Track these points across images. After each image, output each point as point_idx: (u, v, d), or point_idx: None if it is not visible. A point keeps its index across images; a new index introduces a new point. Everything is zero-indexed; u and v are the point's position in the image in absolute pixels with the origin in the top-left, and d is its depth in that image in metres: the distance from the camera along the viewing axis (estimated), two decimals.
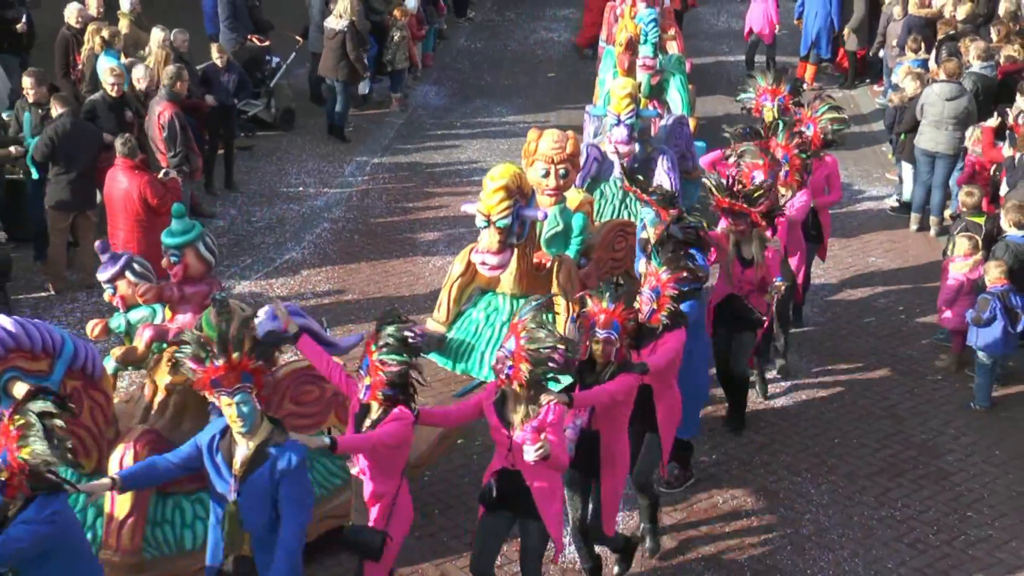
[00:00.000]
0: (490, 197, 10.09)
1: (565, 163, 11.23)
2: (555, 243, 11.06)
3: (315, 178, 17.36)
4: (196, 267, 9.30)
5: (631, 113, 13.04)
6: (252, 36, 18.95)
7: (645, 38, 15.55)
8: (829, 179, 12.80)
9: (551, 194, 11.26)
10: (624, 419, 8.64)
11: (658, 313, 8.86)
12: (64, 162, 13.18)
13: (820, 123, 12.54)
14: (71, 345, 8.25)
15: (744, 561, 9.66)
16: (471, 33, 25.89)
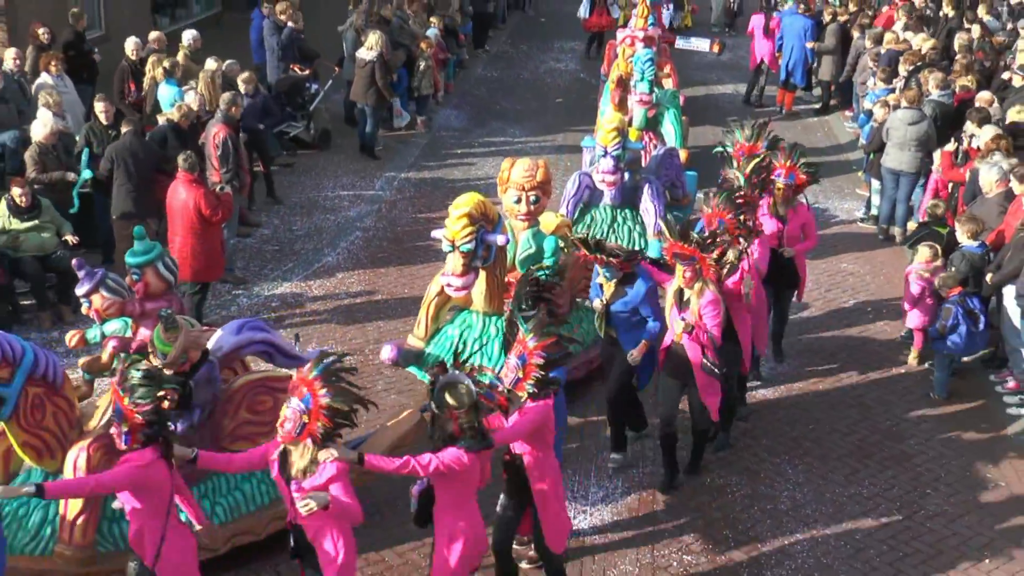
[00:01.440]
0: (454, 224, 10.10)
1: (536, 190, 11.16)
2: (528, 265, 10.72)
3: (349, 191, 17.40)
4: (156, 285, 9.36)
5: (617, 146, 13.01)
6: (294, 65, 19.01)
7: (642, 75, 15.49)
8: (804, 228, 11.72)
9: (523, 219, 11.22)
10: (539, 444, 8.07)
11: (523, 382, 7.72)
12: (125, 175, 13.24)
13: (800, 169, 11.51)
14: (31, 355, 8.08)
15: (728, 533, 9.71)
16: (488, 63, 25.92)
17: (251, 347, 9.01)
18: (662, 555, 9.40)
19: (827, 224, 16.60)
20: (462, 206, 10.17)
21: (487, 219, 10.29)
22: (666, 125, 16.53)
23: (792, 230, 11.54)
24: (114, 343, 9.07)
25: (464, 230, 10.05)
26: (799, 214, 11.68)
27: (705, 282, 9.54)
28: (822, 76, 21.77)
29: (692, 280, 9.54)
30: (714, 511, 10.00)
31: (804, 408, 11.70)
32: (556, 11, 31.56)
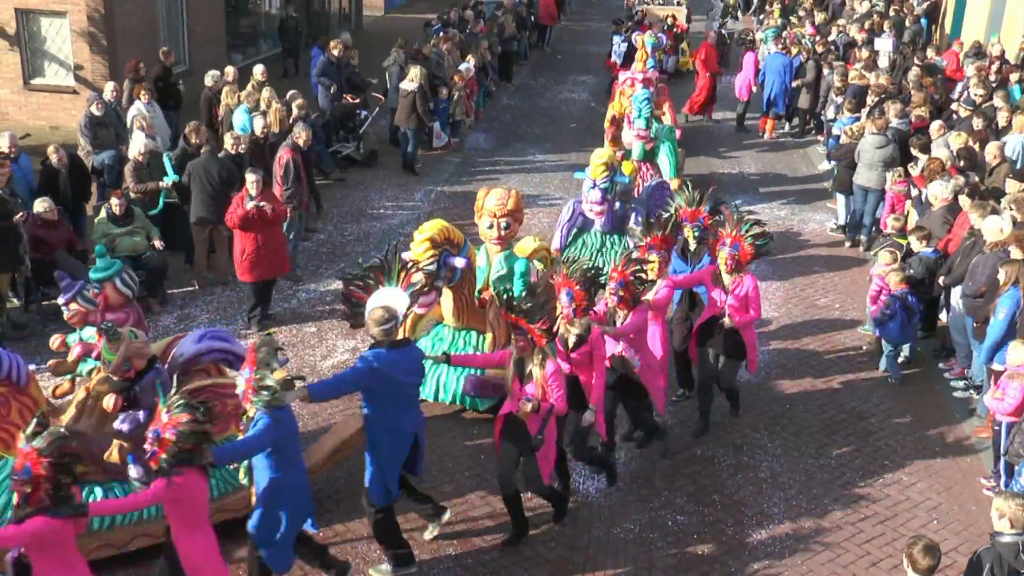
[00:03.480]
0: (417, 247, 10.01)
1: (507, 217, 10.78)
2: (500, 285, 10.49)
3: (392, 202, 17.43)
4: (115, 298, 9.27)
5: (605, 179, 12.91)
6: (347, 95, 19.09)
7: (639, 113, 15.30)
8: (747, 300, 10.03)
9: (496, 243, 10.86)
10: None
11: (158, 455, 6.73)
12: (201, 187, 13.34)
13: (746, 240, 9.99)
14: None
15: (715, 497, 9.71)
16: (512, 93, 25.91)
17: (211, 355, 8.73)
18: (658, 515, 9.41)
19: (803, 233, 16.58)
20: (426, 231, 10.08)
21: (451, 243, 10.17)
22: (661, 157, 16.28)
23: (735, 300, 10.01)
24: (79, 348, 8.95)
25: (426, 252, 9.98)
26: (743, 285, 10.03)
27: (545, 352, 8.29)
28: (800, 105, 21.70)
29: (525, 350, 8.26)
30: (703, 479, 10.00)
31: (781, 391, 11.68)
32: (570, 49, 31.51)
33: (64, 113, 19.24)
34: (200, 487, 6.92)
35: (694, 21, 31.02)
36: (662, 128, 16.76)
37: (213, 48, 22.35)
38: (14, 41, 19.36)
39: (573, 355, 8.88)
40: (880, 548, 9.05)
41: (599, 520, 9.32)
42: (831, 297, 14.18)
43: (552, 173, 19.18)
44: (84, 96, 17.66)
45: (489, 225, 10.84)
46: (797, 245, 16.05)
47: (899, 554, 8.73)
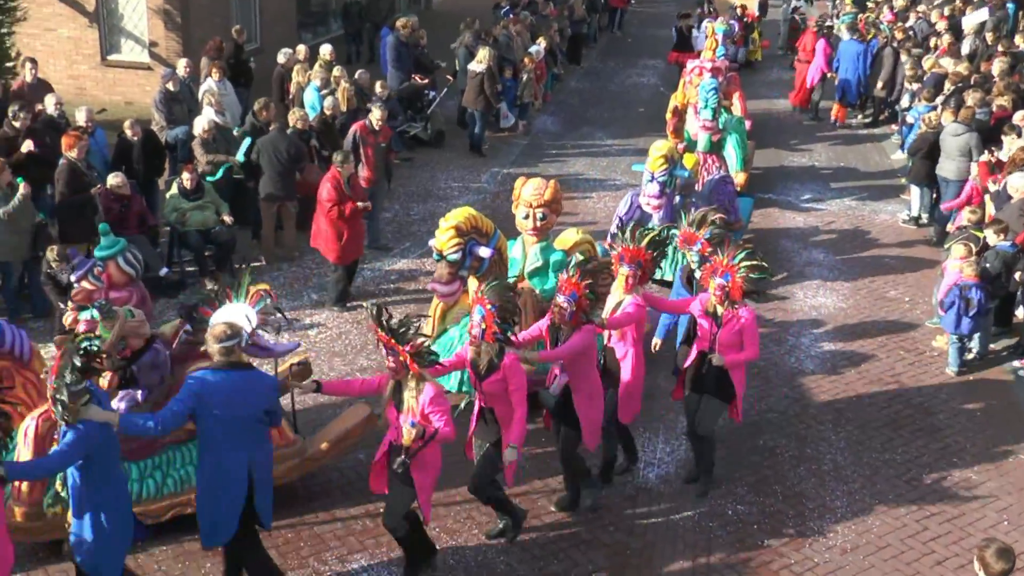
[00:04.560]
0: (442, 235, 9.73)
1: (543, 207, 10.41)
2: (536, 277, 10.47)
3: (459, 183, 17.45)
4: (118, 277, 9.20)
5: (664, 172, 12.48)
6: (415, 76, 19.14)
7: (705, 103, 14.75)
8: (743, 334, 8.78)
9: (532, 234, 10.54)
10: None
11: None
12: (269, 163, 13.46)
13: (738, 272, 8.72)
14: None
15: (777, 488, 9.61)
16: (581, 77, 25.79)
17: None
18: (718, 504, 9.33)
19: (873, 224, 16.30)
20: (451, 219, 9.79)
21: (478, 232, 9.86)
22: (728, 149, 15.88)
23: (726, 335, 8.76)
24: (83, 325, 8.98)
25: (451, 241, 9.69)
26: (737, 319, 8.77)
27: (420, 377, 7.41)
28: (876, 93, 21.32)
29: (398, 374, 7.44)
30: (765, 469, 9.90)
31: (847, 383, 11.50)
32: (641, 32, 31.27)
33: (139, 89, 19.54)
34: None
35: (771, 6, 30.54)
36: (730, 119, 16.43)
37: (283, 27, 22.52)
38: (93, 18, 19.71)
39: (484, 384, 7.93)
40: (946, 547, 8.87)
41: (658, 506, 9.27)
42: (901, 290, 13.94)
43: (619, 158, 19.06)
44: (158, 72, 17.89)
45: (525, 215, 10.54)
46: (867, 237, 15.79)
47: (966, 554, 8.64)
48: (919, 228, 15.99)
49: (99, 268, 9.15)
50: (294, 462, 8.78)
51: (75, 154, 12.18)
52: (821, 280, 14.14)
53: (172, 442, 8.42)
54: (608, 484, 9.41)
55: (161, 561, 8.31)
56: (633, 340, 8.97)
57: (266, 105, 14.51)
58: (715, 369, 8.86)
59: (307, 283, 13.39)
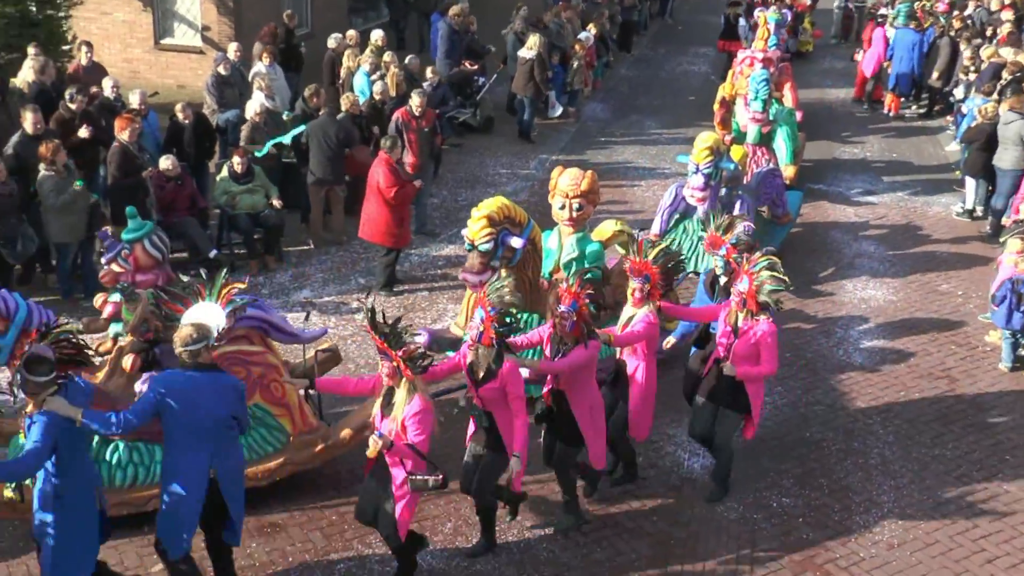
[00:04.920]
0: (474, 224, 9.59)
1: (579, 198, 10.35)
2: (571, 268, 10.28)
3: (507, 169, 17.44)
4: (144, 260, 9.16)
5: (709, 164, 12.21)
6: (465, 61, 19.14)
7: (755, 94, 14.57)
8: (759, 347, 8.47)
9: (568, 224, 10.44)
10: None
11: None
12: (318, 148, 13.53)
13: (756, 280, 8.46)
14: (24, 311, 7.82)
15: (823, 481, 9.53)
16: (631, 64, 25.65)
17: (244, 322, 8.54)
18: (763, 496, 9.27)
19: (926, 217, 16.07)
20: (483, 208, 9.65)
21: (511, 222, 9.71)
22: (778, 141, 15.55)
23: (742, 346, 8.50)
24: (110, 308, 9.03)
25: (482, 231, 9.52)
26: (756, 332, 8.48)
27: (412, 387, 7.22)
28: (931, 83, 21.00)
29: (391, 378, 7.29)
30: (811, 462, 9.81)
31: (896, 376, 11.36)
32: (692, 20, 30.99)
33: (191, 72, 19.69)
34: None
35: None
36: (781, 110, 16.09)
37: (334, 12, 22.56)
38: (147, 2, 19.89)
39: (481, 390, 7.74)
40: (997, 545, 8.74)
41: (702, 497, 9.21)
42: (954, 284, 13.73)
43: (668, 146, 18.93)
44: (210, 56, 18.05)
45: (561, 206, 10.44)
46: (919, 229, 15.57)
47: (1018, 553, 8.56)
48: (973, 221, 15.75)
49: (127, 251, 9.19)
50: (316, 449, 8.79)
51: (127, 136, 12.32)
52: (871, 273, 13.97)
53: None
54: (633, 479, 9.27)
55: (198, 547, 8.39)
56: (644, 355, 8.68)
57: (316, 91, 14.59)
58: (729, 380, 8.62)
59: (354, 267, 13.46)
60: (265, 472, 8.61)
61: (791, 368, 11.37)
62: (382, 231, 12.45)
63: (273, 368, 8.60)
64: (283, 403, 8.66)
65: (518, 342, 8.19)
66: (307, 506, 8.85)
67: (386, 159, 12.36)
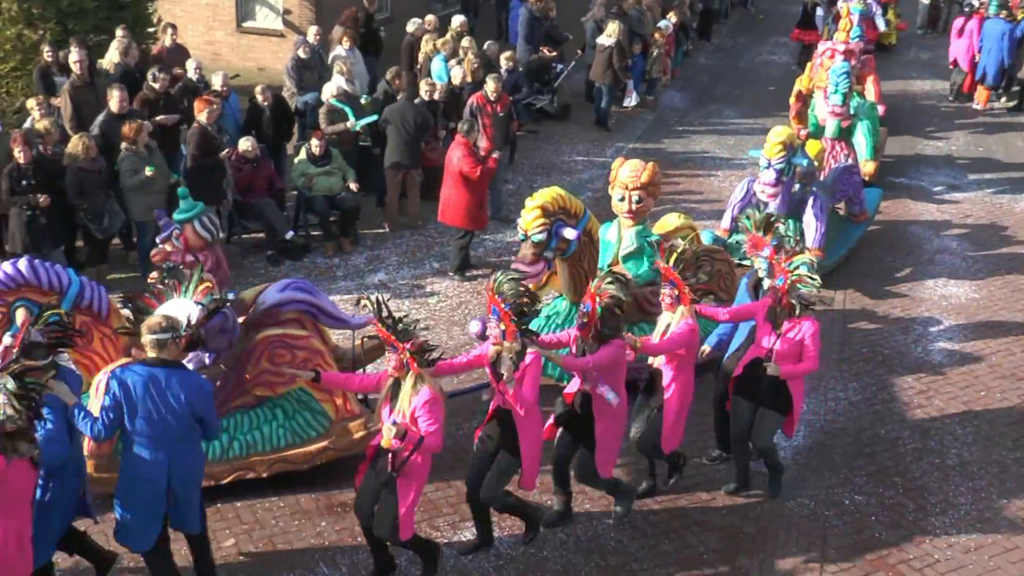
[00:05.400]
0: (527, 214, 9.51)
1: (639, 190, 10.08)
2: (631, 261, 10.17)
3: (583, 157, 17.38)
4: (194, 240, 9.16)
5: (781, 159, 11.95)
6: (544, 48, 19.10)
7: (835, 88, 14.20)
8: (803, 346, 8.34)
9: (628, 217, 10.22)
10: None
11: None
12: (396, 132, 13.60)
13: (791, 278, 8.29)
14: (77, 286, 8.00)
15: (897, 480, 9.36)
16: (711, 53, 25.40)
17: (292, 305, 8.73)
18: (835, 492, 9.14)
19: (1012, 213, 15.68)
20: (537, 199, 9.55)
21: (566, 213, 9.60)
22: (858, 136, 15.16)
23: (784, 345, 8.34)
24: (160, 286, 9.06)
25: (535, 221, 9.44)
26: (799, 329, 8.34)
27: (420, 378, 7.14)
28: (1021, 75, 20.44)
29: (398, 370, 7.20)
30: (885, 460, 9.64)
31: (976, 376, 11.11)
32: (773, 9, 30.56)
33: (271, 55, 19.92)
34: (25, 480, 6.18)
35: None
36: (863, 104, 15.62)
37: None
38: None
39: (501, 385, 7.57)
40: None
41: (767, 495, 9.08)
42: None
43: (747, 136, 18.71)
44: (291, 39, 18.21)
45: (621, 197, 10.23)
46: (1005, 228, 15.18)
47: None
48: None
49: (177, 231, 9.29)
50: (357, 436, 8.76)
51: (206, 118, 12.49)
52: (952, 270, 13.67)
53: (240, 406, 8.61)
54: (679, 477, 9.08)
55: (279, 517, 8.52)
56: (681, 365, 8.38)
57: (398, 74, 14.68)
58: (771, 379, 8.41)
59: (429, 252, 13.52)
60: (305, 456, 8.66)
61: (867, 364, 11.20)
62: (461, 213, 12.49)
63: (317, 353, 8.63)
64: (327, 388, 8.65)
65: (545, 340, 8.08)
66: None
67: (463, 141, 12.42)
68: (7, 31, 15.48)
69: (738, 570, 8.20)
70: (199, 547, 7.48)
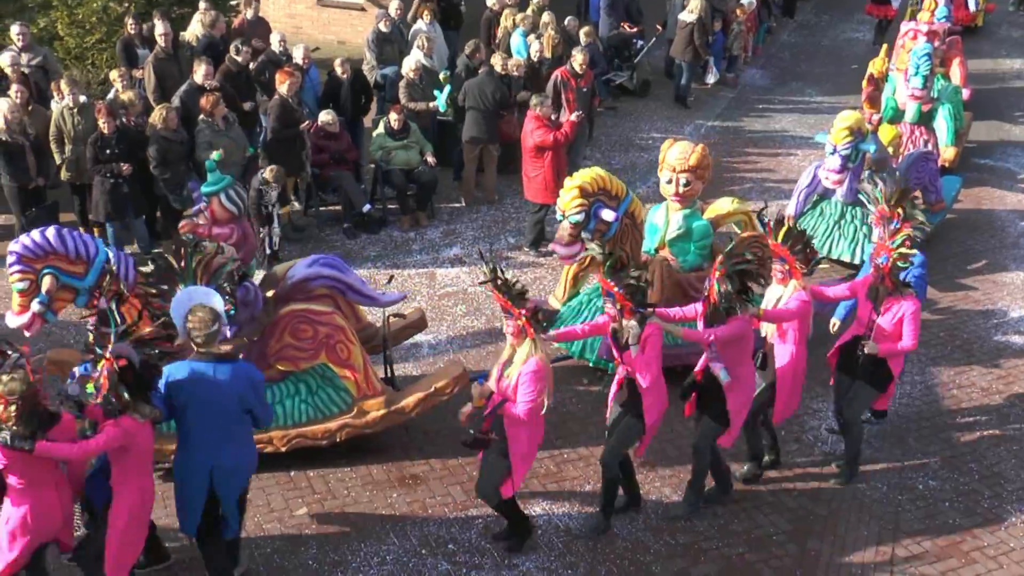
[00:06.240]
0: (565, 194, 9.40)
1: (687, 173, 9.93)
2: (677, 245, 10.07)
3: (661, 134, 17.21)
4: (221, 213, 9.07)
5: (848, 144, 11.67)
6: (625, 23, 18.98)
7: (916, 70, 13.69)
8: (903, 324, 8.25)
9: (675, 199, 10.08)
10: None
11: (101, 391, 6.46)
12: (475, 106, 13.65)
13: (893, 255, 8.24)
14: (104, 256, 8.01)
15: (973, 466, 9.23)
16: (794, 30, 25.01)
17: (320, 280, 8.79)
18: (909, 477, 9.04)
19: None
20: (577, 179, 9.44)
21: (607, 194, 9.49)
22: (939, 121, 14.49)
23: (885, 324, 8.30)
24: None
25: (573, 201, 9.35)
26: (899, 308, 8.26)
27: (535, 346, 7.27)
28: None
29: (516, 336, 7.32)
30: (961, 445, 9.50)
31: None
32: None
33: (351, 29, 20.09)
34: (150, 443, 6.67)
35: None
36: (946, 87, 15.07)
37: None
38: None
39: (625, 355, 7.75)
40: None
41: (832, 480, 9.00)
42: None
43: (829, 115, 18.29)
44: (371, 13, 18.35)
45: (668, 180, 10.10)
46: None
47: None
48: None
49: (205, 203, 9.28)
50: (377, 414, 8.79)
51: (286, 90, 12.65)
52: None
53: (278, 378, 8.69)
54: (755, 481, 8.96)
55: (351, 488, 8.67)
56: (795, 339, 8.41)
57: (477, 47, 14.76)
58: (870, 355, 8.37)
59: (505, 226, 13.57)
60: (325, 432, 8.71)
61: (944, 348, 11.02)
62: (542, 188, 12.50)
63: (340, 329, 8.65)
64: (348, 364, 8.70)
65: (671, 314, 8.12)
66: (448, 460, 9.02)
67: (535, 115, 12.44)
68: (92, 3, 15.82)
69: (808, 552, 8.16)
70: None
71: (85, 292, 8.13)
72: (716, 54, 19.67)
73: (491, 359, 10.47)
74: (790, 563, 8.05)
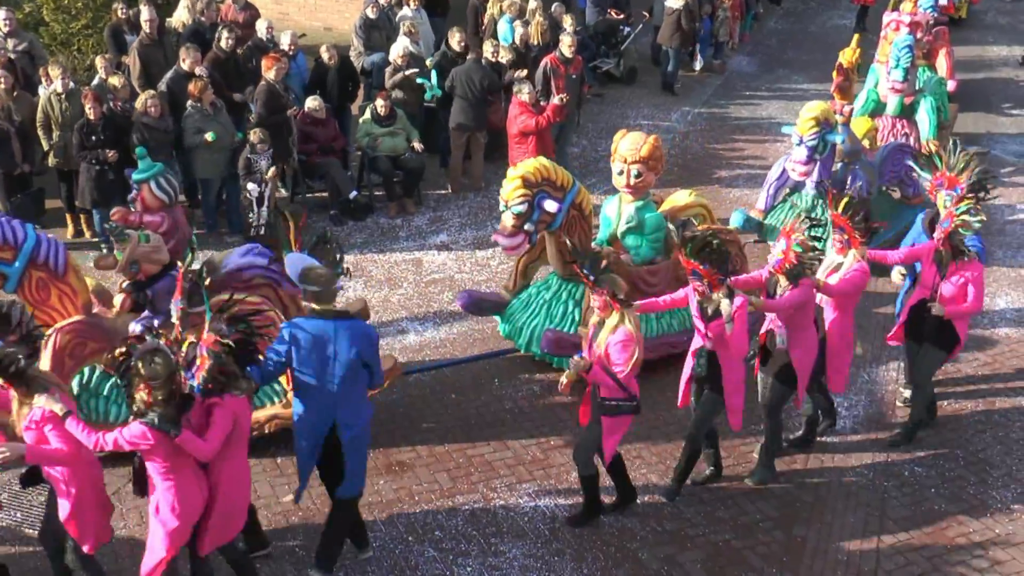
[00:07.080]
0: (507, 184, 9.25)
1: (639, 164, 9.79)
2: (629, 238, 9.95)
3: (648, 121, 17.20)
4: (151, 200, 9.00)
5: (814, 136, 11.39)
6: (611, 10, 18.92)
7: (896, 62, 13.40)
8: (964, 289, 8.54)
9: (627, 191, 9.96)
10: None
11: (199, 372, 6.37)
12: (462, 93, 13.57)
13: (956, 220, 8.50)
14: (33, 241, 7.89)
15: (959, 452, 9.23)
16: (780, 17, 25.00)
17: (253, 270, 8.56)
18: (894, 464, 9.03)
19: None
20: (520, 168, 9.27)
21: (551, 184, 9.27)
22: (921, 113, 13.90)
23: (949, 287, 8.57)
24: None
25: (516, 192, 9.15)
26: (963, 273, 8.55)
27: (622, 317, 7.44)
28: None
29: (603, 310, 7.48)
30: (947, 432, 9.50)
31: None
32: None
33: (338, 15, 19.97)
34: (248, 418, 6.70)
35: None
36: (930, 79, 14.75)
37: None
38: None
39: (710, 326, 7.78)
40: None
41: (832, 461, 9.03)
42: None
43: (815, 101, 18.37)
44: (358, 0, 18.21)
45: (620, 171, 9.96)
46: None
47: None
48: None
49: (135, 189, 9.14)
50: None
51: (273, 76, 12.55)
52: (1022, 242, 13.37)
53: None
54: (810, 444, 9.15)
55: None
56: (842, 305, 8.53)
57: (461, 35, 14.66)
58: (936, 317, 8.65)
59: (492, 213, 13.50)
60: (254, 422, 8.34)
61: None
62: None
63: (271, 322, 8.28)
64: None
65: (740, 280, 8.29)
66: (434, 447, 8.99)
67: (518, 102, 12.41)
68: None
69: (794, 538, 8.15)
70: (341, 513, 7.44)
71: (13, 278, 8.01)
72: (703, 41, 19.65)
73: (477, 345, 10.53)
74: (777, 549, 8.03)
